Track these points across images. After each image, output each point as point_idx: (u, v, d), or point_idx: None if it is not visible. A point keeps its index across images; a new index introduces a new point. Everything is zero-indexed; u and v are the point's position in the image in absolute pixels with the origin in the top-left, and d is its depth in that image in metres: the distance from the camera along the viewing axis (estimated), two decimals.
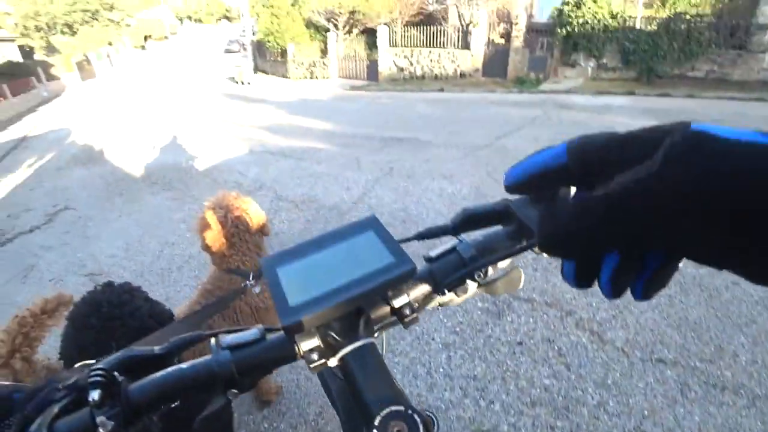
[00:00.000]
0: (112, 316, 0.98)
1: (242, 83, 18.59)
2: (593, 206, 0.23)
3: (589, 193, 0.23)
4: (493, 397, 1.90)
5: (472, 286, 0.44)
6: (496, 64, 13.92)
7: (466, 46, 14.43)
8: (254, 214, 1.53)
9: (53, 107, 17.61)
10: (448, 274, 0.43)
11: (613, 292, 0.27)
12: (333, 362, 0.37)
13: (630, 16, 12.32)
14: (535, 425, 1.75)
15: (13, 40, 27.09)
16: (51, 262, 3.86)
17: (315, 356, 0.37)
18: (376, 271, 0.39)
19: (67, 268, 3.69)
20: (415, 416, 0.31)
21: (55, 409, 0.34)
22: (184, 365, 0.39)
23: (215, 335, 0.43)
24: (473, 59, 14.27)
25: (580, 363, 2.05)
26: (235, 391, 0.39)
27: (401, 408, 0.32)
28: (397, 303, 0.40)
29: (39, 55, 29.60)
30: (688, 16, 11.60)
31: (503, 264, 0.45)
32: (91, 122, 12.46)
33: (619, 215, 0.21)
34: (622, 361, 2.05)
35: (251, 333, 0.40)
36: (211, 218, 1.45)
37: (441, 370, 2.05)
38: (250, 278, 1.42)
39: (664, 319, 2.30)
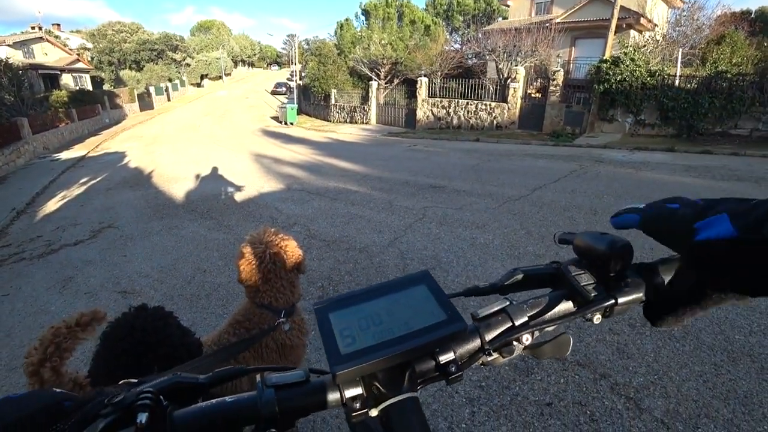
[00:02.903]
0: (144, 341, 0.98)
1: (286, 123, 19.57)
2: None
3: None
4: None
5: (518, 347, 0.44)
6: (532, 118, 14.09)
7: (503, 99, 14.74)
8: (292, 251, 1.53)
9: (112, 132, 19.02)
10: (495, 336, 0.44)
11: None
12: (374, 413, 0.38)
13: (669, 75, 12.30)
14: None
15: (87, 71, 30.01)
16: (88, 276, 4.00)
17: (357, 405, 0.38)
18: (427, 327, 0.40)
19: (103, 283, 3.81)
20: None
21: (101, 424, 0.34)
22: (228, 398, 0.38)
23: (260, 371, 0.43)
24: (510, 112, 14.50)
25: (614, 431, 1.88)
26: (273, 430, 0.38)
27: None
28: (443, 359, 0.40)
29: (107, 86, 32.59)
30: (729, 75, 11.40)
31: (550, 327, 0.45)
32: (143, 149, 13.32)
33: None
34: None
35: (296, 374, 0.40)
36: (249, 252, 1.46)
37: (463, 425, 1.91)
38: (282, 316, 1.41)
39: (709, 390, 2.08)
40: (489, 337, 0.43)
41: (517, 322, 0.44)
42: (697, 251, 0.39)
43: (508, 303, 0.45)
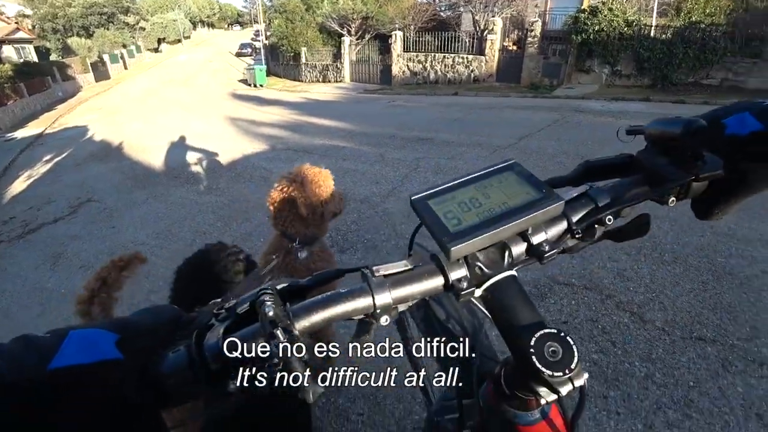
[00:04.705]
0: (222, 270, 0.99)
1: (255, 85, 18.74)
2: None
3: None
4: None
5: (600, 230, 0.44)
6: (510, 70, 13.95)
7: (480, 51, 14.47)
8: (325, 182, 1.52)
9: (68, 105, 17.81)
10: (581, 217, 0.44)
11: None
12: (478, 292, 0.39)
13: (645, 25, 12.34)
14: (589, 396, 1.76)
15: (30, 42, 27.51)
16: (78, 251, 3.84)
17: (464, 285, 0.39)
18: (527, 203, 0.40)
19: (96, 255, 3.67)
20: (568, 338, 0.34)
21: (223, 326, 0.36)
22: (341, 290, 0.38)
23: (358, 270, 0.43)
24: (487, 65, 14.30)
25: (624, 340, 2.08)
26: (386, 317, 0.39)
27: (554, 330, 0.34)
28: (536, 239, 0.41)
29: (54, 56, 30.04)
30: (702, 25, 11.64)
31: (630, 207, 0.46)
32: (106, 121, 12.57)
33: None
34: (663, 338, 2.08)
35: (400, 263, 0.41)
36: (282, 179, 1.45)
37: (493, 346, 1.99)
38: (296, 242, 1.47)
39: (699, 302, 2.33)
40: (575, 218, 0.44)
41: (600, 204, 0.44)
42: (733, 146, 0.45)
43: (588, 187, 0.46)
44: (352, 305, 0.38)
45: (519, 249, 0.41)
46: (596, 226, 0.44)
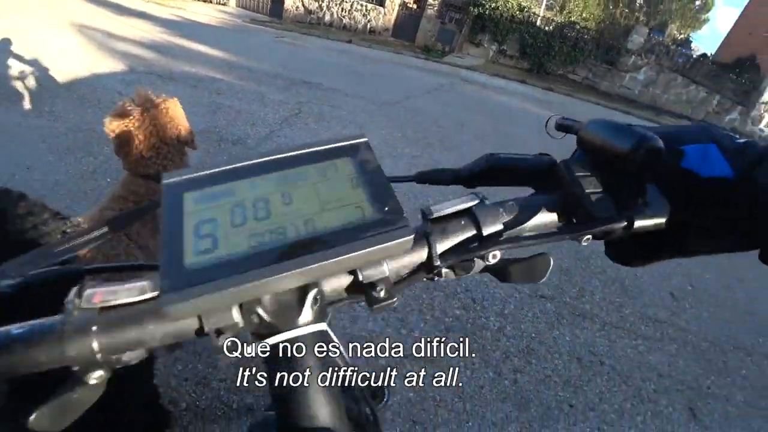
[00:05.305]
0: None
1: None
2: None
3: None
4: (413, 326, 2.03)
5: (478, 265, 0.32)
6: (406, 28, 13.97)
7: (380, 2, 14.09)
8: (180, 114, 1.34)
9: None
10: (452, 247, 0.31)
11: None
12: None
13: (534, 14, 13.60)
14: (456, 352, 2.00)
15: None
16: None
17: (228, 344, 0.25)
18: (347, 228, 0.25)
19: None
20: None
21: None
22: (20, 327, 0.24)
23: (91, 272, 0.31)
24: (385, 18, 14.05)
25: (483, 297, 2.35)
26: (100, 374, 0.24)
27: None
28: (369, 275, 0.28)
29: None
30: (578, 26, 13.45)
31: (530, 243, 0.33)
32: None
33: None
34: (515, 296, 2.41)
35: (130, 288, 0.25)
36: (128, 112, 1.21)
37: (362, 303, 2.06)
38: None
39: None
40: (442, 248, 0.31)
41: (486, 232, 0.31)
42: (694, 189, 0.34)
43: (477, 201, 0.32)
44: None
45: (340, 283, 0.29)
46: (474, 260, 0.32)
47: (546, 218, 0.35)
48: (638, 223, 0.32)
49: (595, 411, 1.86)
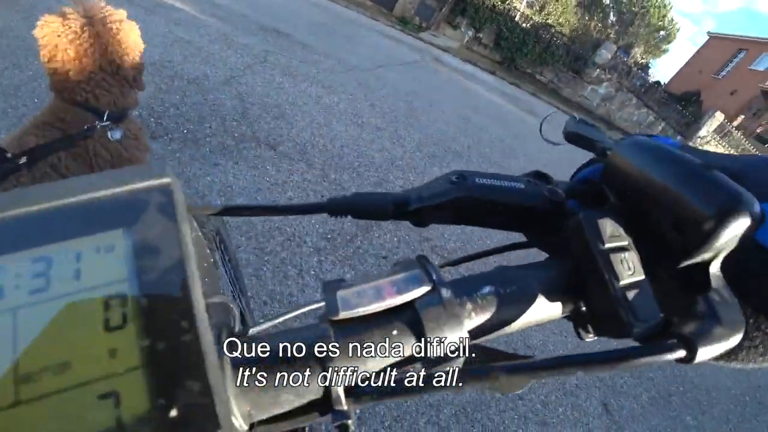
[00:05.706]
0: None
1: None
2: None
3: None
4: None
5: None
6: None
7: None
8: (132, 37, 1.13)
9: None
10: (369, 377, 0.19)
11: None
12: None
13: (515, 8, 13.68)
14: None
15: None
16: None
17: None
18: None
19: None
20: None
21: None
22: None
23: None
24: None
25: None
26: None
27: None
28: None
29: None
30: (553, 30, 13.70)
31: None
32: None
33: None
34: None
35: None
36: (61, 22, 0.99)
37: (312, 272, 1.99)
38: (105, 119, 1.07)
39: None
40: (351, 378, 0.18)
41: (435, 353, 0.18)
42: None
43: (427, 288, 0.19)
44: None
45: None
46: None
47: (543, 315, 0.21)
48: (702, 354, 0.18)
49: (524, 400, 1.97)
